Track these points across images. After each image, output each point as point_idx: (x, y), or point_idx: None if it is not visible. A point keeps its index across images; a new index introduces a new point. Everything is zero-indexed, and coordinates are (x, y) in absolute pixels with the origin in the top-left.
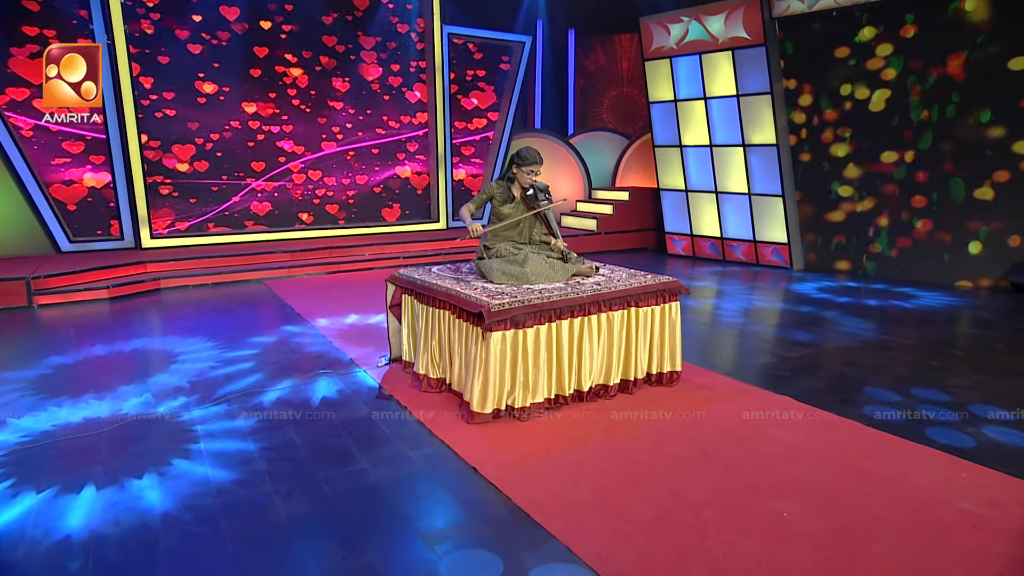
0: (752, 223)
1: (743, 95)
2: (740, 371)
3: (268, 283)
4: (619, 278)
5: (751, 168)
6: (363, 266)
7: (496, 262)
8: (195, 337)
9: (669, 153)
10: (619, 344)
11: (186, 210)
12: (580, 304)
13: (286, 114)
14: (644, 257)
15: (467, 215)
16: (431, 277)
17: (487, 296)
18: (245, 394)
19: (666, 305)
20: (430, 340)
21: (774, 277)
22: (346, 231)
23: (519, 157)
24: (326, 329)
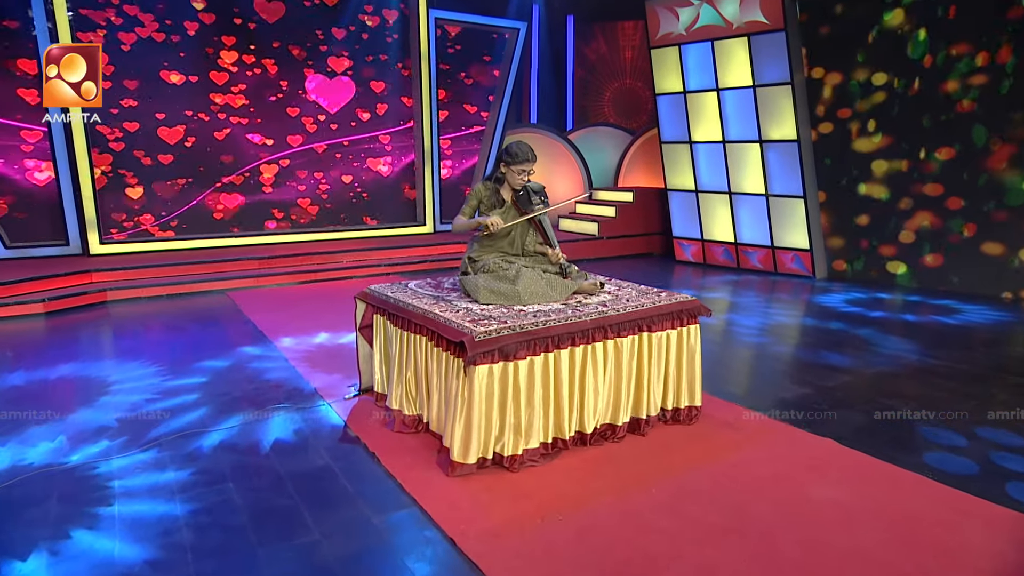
0: (770, 227)
1: (760, 86)
2: (769, 404)
3: (231, 294)
4: (628, 296)
5: (769, 166)
6: (339, 275)
7: (482, 278)
8: (136, 361)
9: (677, 150)
10: (629, 376)
11: (142, 211)
12: (583, 330)
13: (255, 106)
14: (649, 264)
15: (465, 223)
16: (406, 295)
17: (470, 321)
18: (182, 436)
19: (683, 329)
20: (405, 370)
21: (795, 288)
22: (321, 235)
23: (508, 154)
24: (290, 351)
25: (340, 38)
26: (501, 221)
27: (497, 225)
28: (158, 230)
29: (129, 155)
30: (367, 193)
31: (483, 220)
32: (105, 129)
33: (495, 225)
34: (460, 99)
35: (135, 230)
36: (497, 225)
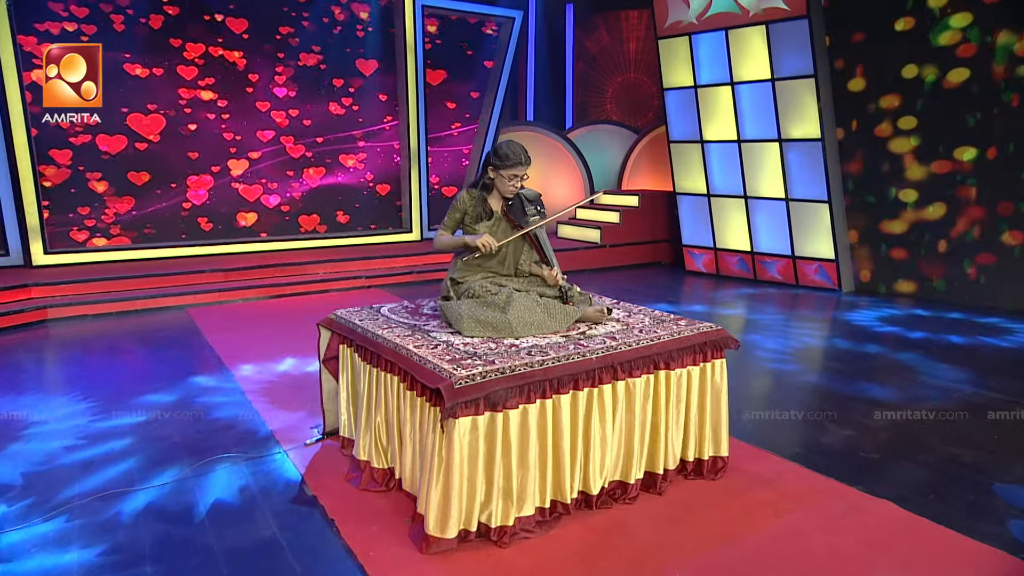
0: (790, 235)
1: (780, 79)
2: (806, 451)
3: (191, 311)
4: (640, 325)
5: (789, 168)
6: (315, 288)
7: (467, 305)
8: (66, 394)
9: (688, 150)
10: (643, 423)
11: (92, 217)
12: (587, 370)
13: (222, 102)
14: (656, 275)
15: (449, 241)
16: (377, 324)
17: (450, 361)
18: (100, 497)
19: (707, 365)
20: (374, 414)
21: (820, 302)
22: (294, 244)
23: (497, 156)
24: (248, 382)
25: (312, 30)
26: (494, 241)
27: (490, 247)
28: (110, 239)
29: (83, 156)
30: (346, 197)
31: (472, 240)
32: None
33: (488, 246)
34: (449, 95)
35: (85, 239)
36: (490, 247)
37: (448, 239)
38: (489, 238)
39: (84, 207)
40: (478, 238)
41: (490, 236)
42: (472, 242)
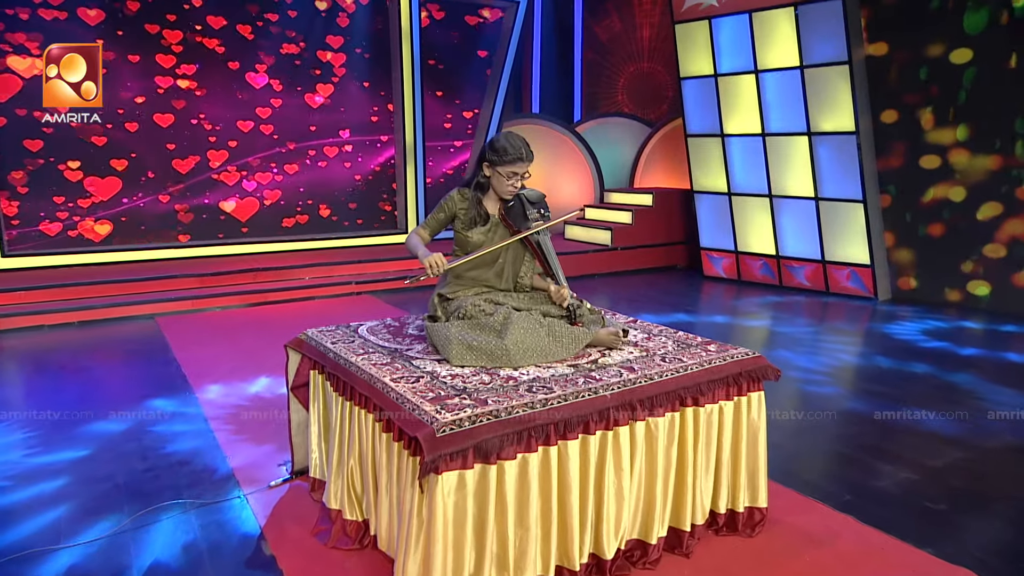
0: (820, 237)
1: (810, 66)
2: (859, 498)
3: (161, 320)
4: (663, 351)
5: (819, 164)
6: (300, 295)
7: (457, 328)
8: (2, 421)
9: (707, 145)
10: (666, 471)
11: (50, 218)
12: (600, 409)
13: (201, 93)
14: (672, 280)
15: (417, 243)
16: (352, 349)
17: (434, 399)
18: (14, 559)
19: (742, 399)
20: (347, 457)
21: (854, 312)
22: (277, 246)
23: (493, 150)
24: (213, 406)
25: (293, 17)
26: (442, 261)
27: (437, 267)
28: (74, 240)
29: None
30: (335, 196)
31: (423, 256)
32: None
33: (436, 267)
34: (448, 85)
35: (44, 239)
36: (437, 267)
37: (414, 244)
38: (438, 258)
39: (48, 204)
40: (428, 255)
41: (440, 257)
42: (421, 258)
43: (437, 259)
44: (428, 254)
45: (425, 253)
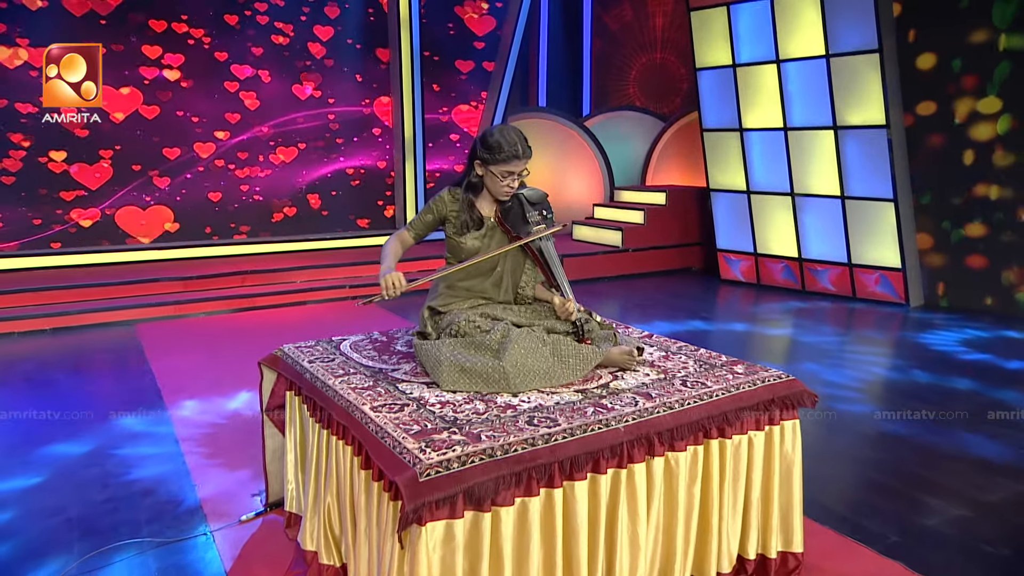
0: (847, 239)
1: (837, 55)
2: (908, 539)
3: (140, 327)
4: (684, 373)
5: (846, 160)
6: (291, 299)
7: (448, 347)
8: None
9: (724, 140)
10: (688, 513)
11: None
12: (614, 444)
13: (186, 86)
14: (686, 284)
15: (387, 253)
16: (331, 368)
17: (419, 433)
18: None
19: (773, 428)
20: (324, 492)
21: (883, 320)
22: (266, 247)
23: (485, 147)
24: (187, 425)
25: (281, 6)
26: (401, 282)
27: (394, 289)
28: (48, 242)
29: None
30: (329, 193)
31: (380, 275)
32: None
33: (392, 288)
34: (450, 77)
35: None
36: (394, 289)
37: (385, 252)
38: (396, 279)
39: (22, 207)
40: (387, 273)
41: (399, 278)
42: (379, 276)
43: (395, 280)
44: (388, 271)
45: (385, 270)
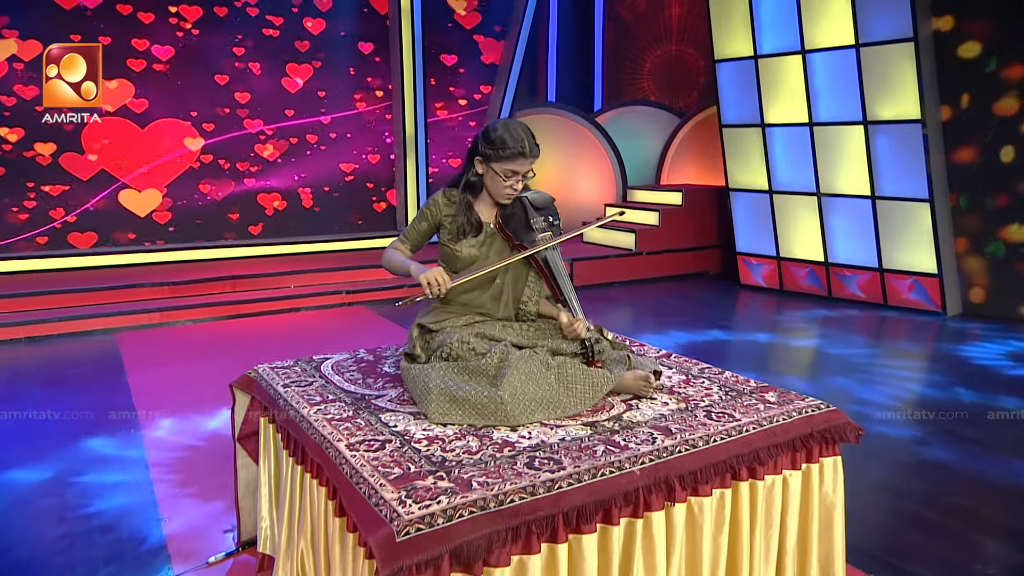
0: (877, 242)
1: (867, 45)
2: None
3: (121, 336)
4: (707, 402)
5: (877, 157)
6: (284, 305)
7: (439, 372)
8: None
9: (744, 136)
10: (713, 564)
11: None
12: (628, 491)
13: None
14: (704, 289)
15: (399, 260)
16: (308, 393)
17: (399, 478)
18: None
19: (812, 467)
20: (297, 535)
21: (919, 329)
22: (259, 250)
23: (488, 142)
24: (161, 447)
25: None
26: (445, 278)
27: (438, 286)
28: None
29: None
30: (325, 193)
31: (417, 272)
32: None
33: (437, 285)
34: (453, 71)
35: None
36: (438, 286)
37: (398, 260)
38: (439, 275)
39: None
40: (424, 270)
41: (441, 273)
42: (414, 275)
43: (437, 275)
44: (423, 269)
45: (419, 268)
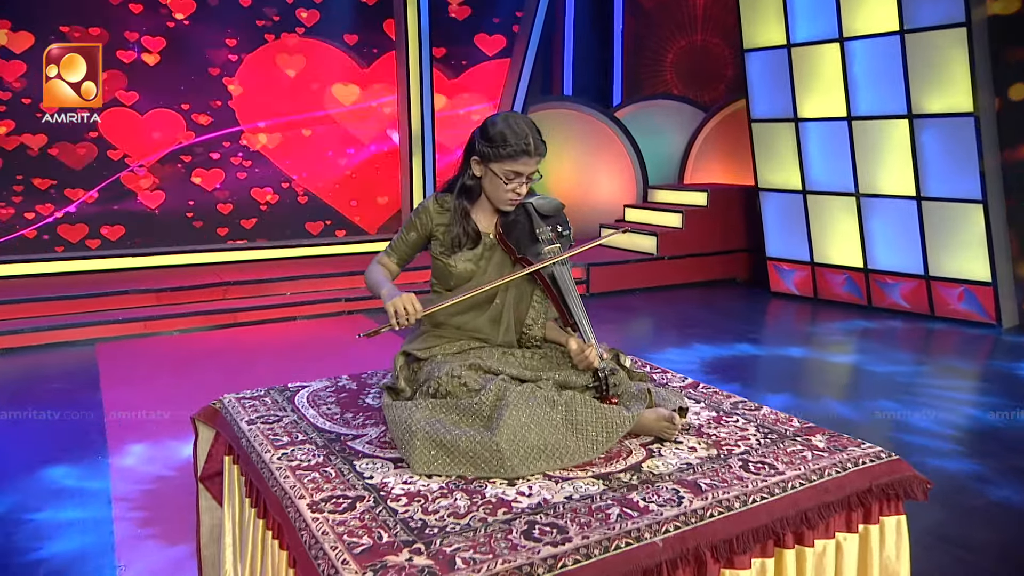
0: (923, 247)
1: (913, 30)
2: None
3: (101, 347)
4: (743, 447)
5: (924, 154)
6: (279, 314)
7: (425, 413)
8: None
9: (776, 131)
10: None
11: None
12: (648, 567)
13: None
14: (731, 297)
15: (381, 279)
16: (276, 432)
17: (364, 554)
18: None
19: (870, 528)
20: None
21: (970, 344)
22: (252, 254)
23: (487, 139)
24: (127, 477)
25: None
26: (415, 307)
27: (407, 316)
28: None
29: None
30: (322, 193)
31: (387, 298)
32: None
33: (405, 315)
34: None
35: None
36: (407, 316)
37: (375, 279)
38: (408, 302)
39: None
40: (393, 296)
41: (412, 300)
42: (384, 300)
43: (407, 303)
44: (394, 294)
45: (391, 292)
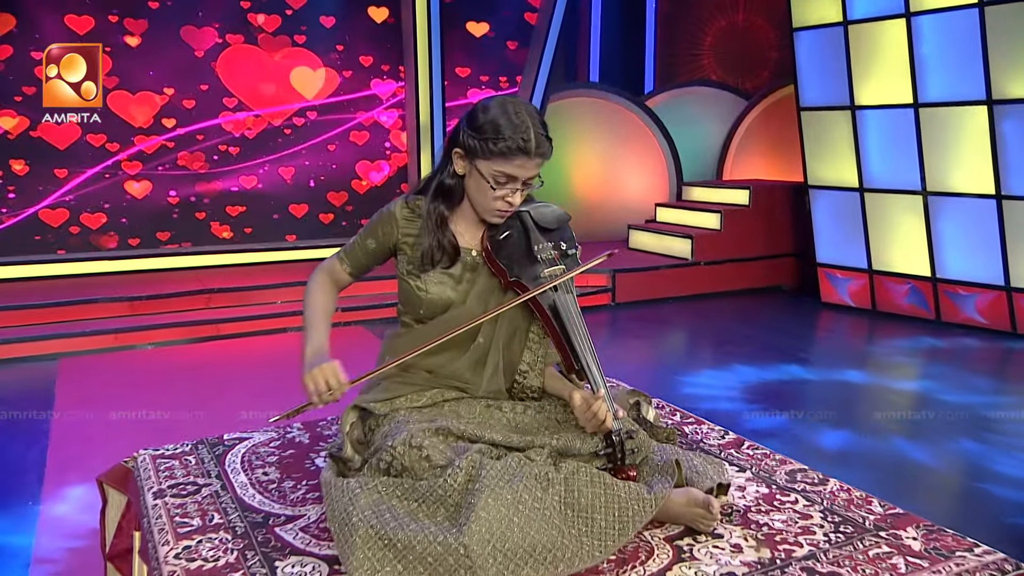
0: (1004, 253)
1: (994, 2)
2: None
3: (65, 363)
4: (806, 545)
5: (1005, 146)
6: (268, 325)
7: (371, 499)
8: None
9: (829, 121)
10: None
11: None
12: None
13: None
14: (776, 307)
15: (313, 313)
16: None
17: None
18: None
19: None
20: None
21: None
22: (239, 258)
23: (476, 127)
24: (58, 531)
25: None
26: (337, 378)
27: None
28: None
29: None
30: (320, 190)
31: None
32: None
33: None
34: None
35: None
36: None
37: (311, 311)
38: (331, 373)
39: None
40: (318, 362)
41: (335, 371)
42: (302, 368)
43: (328, 376)
44: (317, 360)
45: (313, 356)
